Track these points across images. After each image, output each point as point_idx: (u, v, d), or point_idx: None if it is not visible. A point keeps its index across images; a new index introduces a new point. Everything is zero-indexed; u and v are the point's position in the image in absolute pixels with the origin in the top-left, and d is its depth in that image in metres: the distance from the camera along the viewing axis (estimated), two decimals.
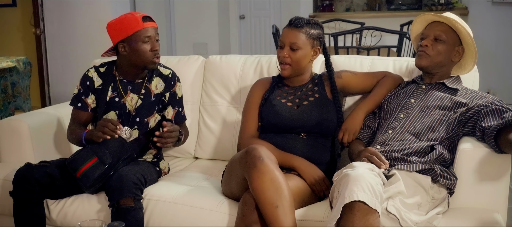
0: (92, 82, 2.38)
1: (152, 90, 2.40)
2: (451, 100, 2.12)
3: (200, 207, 2.11)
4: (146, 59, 2.30)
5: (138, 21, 2.26)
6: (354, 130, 2.27)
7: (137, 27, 2.26)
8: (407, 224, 1.74)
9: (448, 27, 2.18)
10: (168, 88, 2.42)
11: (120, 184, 2.06)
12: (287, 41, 2.26)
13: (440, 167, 1.97)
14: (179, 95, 2.47)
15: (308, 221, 1.98)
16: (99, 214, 2.18)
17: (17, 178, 2.13)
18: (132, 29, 2.26)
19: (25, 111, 4.05)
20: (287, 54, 2.26)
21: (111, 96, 2.36)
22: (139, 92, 2.37)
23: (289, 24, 2.28)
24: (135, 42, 2.26)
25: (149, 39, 2.28)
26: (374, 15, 7.01)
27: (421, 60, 2.20)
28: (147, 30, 2.28)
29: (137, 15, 2.28)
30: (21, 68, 4.09)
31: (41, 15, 5.26)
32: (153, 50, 2.30)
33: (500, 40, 5.21)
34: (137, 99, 2.36)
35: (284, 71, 2.29)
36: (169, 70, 2.45)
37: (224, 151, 2.67)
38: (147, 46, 2.28)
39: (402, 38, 3.95)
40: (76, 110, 2.39)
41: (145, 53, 2.28)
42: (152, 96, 2.39)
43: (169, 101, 2.43)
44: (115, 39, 2.30)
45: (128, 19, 2.27)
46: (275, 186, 1.86)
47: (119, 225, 1.56)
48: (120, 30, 2.27)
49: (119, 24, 2.28)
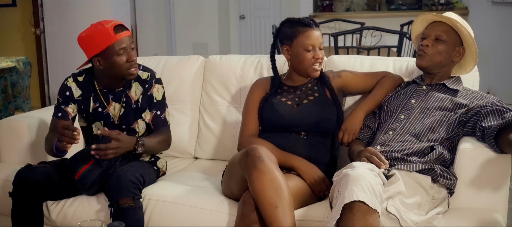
0: (71, 93, 2.32)
1: (132, 97, 2.33)
2: (452, 102, 2.12)
3: (200, 207, 2.11)
4: (123, 71, 2.23)
5: (110, 34, 2.15)
6: (354, 129, 2.27)
7: (110, 41, 2.16)
8: (407, 224, 1.74)
9: (449, 27, 2.17)
10: (145, 91, 2.33)
11: (119, 184, 2.06)
12: (317, 42, 2.25)
13: (440, 167, 1.97)
14: (157, 98, 2.35)
15: (308, 221, 1.98)
16: (99, 214, 2.18)
17: (17, 179, 2.13)
18: (105, 43, 2.16)
19: (25, 111, 4.05)
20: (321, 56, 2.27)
21: (94, 107, 2.32)
22: (120, 100, 2.32)
23: (314, 25, 2.27)
24: (110, 56, 2.18)
25: (124, 51, 2.19)
26: (374, 15, 7.01)
27: (422, 60, 2.20)
28: (121, 42, 2.18)
29: (108, 26, 2.16)
30: (21, 68, 4.09)
31: (41, 15, 5.26)
32: (130, 61, 2.21)
33: (500, 40, 5.21)
34: (120, 108, 2.32)
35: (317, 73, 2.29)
36: (147, 73, 2.36)
37: (224, 151, 2.67)
38: (122, 58, 2.19)
39: (402, 38, 3.95)
40: (56, 120, 2.31)
41: (121, 66, 2.20)
42: (132, 103, 2.33)
43: (146, 104, 2.33)
44: (89, 54, 2.22)
45: (99, 32, 2.16)
46: (275, 186, 1.86)
47: (119, 225, 1.56)
48: (92, 45, 2.18)
49: (91, 39, 2.18)
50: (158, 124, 2.34)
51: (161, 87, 2.38)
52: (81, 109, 2.34)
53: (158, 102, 2.35)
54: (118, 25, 2.20)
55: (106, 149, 2.05)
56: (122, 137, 2.11)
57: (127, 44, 2.20)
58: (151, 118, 2.33)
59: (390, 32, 3.88)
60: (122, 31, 2.20)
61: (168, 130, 2.37)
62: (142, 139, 2.19)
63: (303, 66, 2.28)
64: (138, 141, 2.16)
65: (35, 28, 5.31)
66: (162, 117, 2.35)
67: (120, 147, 2.09)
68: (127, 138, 2.13)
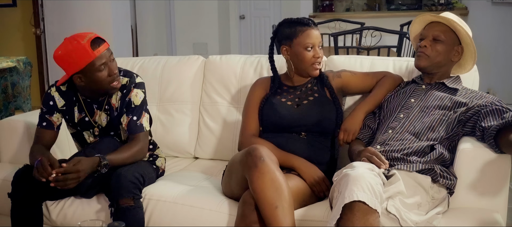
0: (55, 102, 2.29)
1: (113, 104, 2.30)
2: (451, 100, 2.12)
3: (200, 207, 2.11)
4: (105, 85, 2.19)
5: (87, 52, 2.09)
6: (354, 129, 2.27)
7: (89, 59, 2.10)
8: (407, 224, 1.74)
9: (446, 27, 2.17)
10: (123, 96, 2.28)
11: (119, 184, 2.06)
12: (317, 41, 2.27)
13: (440, 167, 1.97)
14: (135, 103, 2.27)
15: (308, 221, 1.98)
16: (99, 214, 2.18)
17: (15, 179, 2.13)
18: (84, 62, 2.10)
19: (25, 111, 4.05)
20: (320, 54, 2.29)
21: (80, 118, 2.31)
22: (103, 108, 2.30)
23: (313, 24, 2.28)
24: (91, 72, 2.13)
25: (104, 66, 2.14)
26: (374, 15, 7.01)
27: (420, 61, 2.20)
28: (100, 58, 2.12)
29: (85, 43, 2.09)
30: (21, 68, 4.09)
31: (41, 15, 5.26)
32: (111, 74, 2.17)
33: (500, 40, 5.21)
34: (105, 116, 2.31)
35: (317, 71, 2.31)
36: (126, 78, 2.30)
37: (224, 151, 2.67)
38: (104, 73, 2.15)
39: (402, 38, 3.95)
40: (40, 130, 2.29)
41: (103, 81, 2.16)
42: (114, 110, 2.30)
43: (124, 108, 2.28)
44: (68, 72, 2.17)
45: (76, 50, 2.09)
46: (275, 186, 1.86)
47: (119, 225, 1.55)
48: (71, 63, 2.12)
49: (68, 57, 2.11)
50: (132, 129, 2.25)
51: (141, 91, 2.30)
52: (66, 118, 2.33)
53: (135, 107, 2.27)
54: (95, 39, 2.13)
55: (65, 179, 1.99)
56: (81, 164, 2.02)
57: (106, 58, 2.15)
58: (126, 122, 2.26)
59: (390, 32, 3.88)
60: (100, 45, 2.14)
61: (142, 137, 2.26)
62: (107, 157, 2.09)
63: (303, 65, 2.28)
64: (101, 161, 2.07)
65: (35, 28, 5.31)
66: (138, 122, 2.26)
67: (80, 174, 2.01)
68: (87, 162, 2.04)
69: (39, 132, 2.30)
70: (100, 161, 2.07)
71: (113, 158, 2.12)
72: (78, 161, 2.03)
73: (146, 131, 2.28)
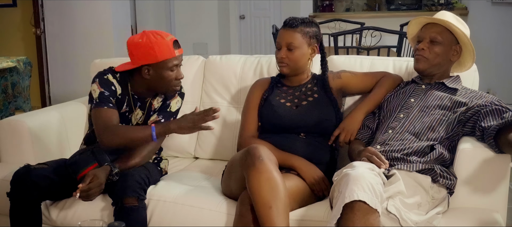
0: (116, 88, 2.24)
1: (153, 105, 2.32)
2: (451, 100, 2.12)
3: (200, 207, 2.11)
4: (169, 87, 2.22)
5: (170, 49, 2.13)
6: (352, 129, 2.27)
7: (169, 55, 2.14)
8: (407, 224, 1.74)
9: (443, 28, 2.17)
10: (165, 100, 2.33)
11: (125, 183, 2.06)
12: (283, 42, 2.26)
13: (440, 167, 1.97)
14: (172, 109, 2.33)
15: (308, 221, 1.98)
16: (99, 214, 2.18)
17: (14, 179, 2.13)
18: (163, 56, 2.13)
19: (25, 111, 4.05)
20: (284, 55, 2.27)
21: (123, 111, 2.29)
22: (144, 108, 2.31)
23: (284, 25, 2.29)
24: (162, 69, 2.16)
25: (176, 68, 2.19)
26: (374, 15, 7.01)
27: (419, 64, 2.20)
28: (176, 59, 2.17)
29: (168, 40, 2.14)
30: (21, 68, 4.09)
31: (41, 15, 5.26)
32: (178, 78, 2.22)
33: (500, 40, 5.21)
34: (141, 115, 2.32)
35: (283, 69, 2.30)
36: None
37: (224, 151, 2.67)
38: (173, 74, 2.18)
39: (402, 38, 3.96)
40: (109, 110, 2.17)
41: (170, 82, 2.19)
42: (152, 111, 2.33)
43: (159, 108, 2.32)
44: (140, 61, 2.16)
45: (159, 43, 2.12)
46: (271, 186, 1.85)
47: (119, 225, 1.55)
48: (149, 54, 2.13)
49: (148, 48, 2.12)
50: None
51: (181, 101, 2.36)
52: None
53: (169, 112, 2.32)
54: (175, 41, 2.18)
55: (88, 196, 2.03)
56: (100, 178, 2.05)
57: (179, 61, 2.20)
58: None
59: (389, 32, 3.88)
60: (178, 49, 2.19)
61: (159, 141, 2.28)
62: (118, 166, 2.13)
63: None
64: (111, 170, 2.10)
65: (35, 28, 5.31)
66: None
67: (102, 186, 2.06)
68: (102, 173, 2.07)
69: (109, 112, 2.16)
70: (111, 170, 2.10)
71: (123, 165, 2.15)
72: (95, 175, 2.05)
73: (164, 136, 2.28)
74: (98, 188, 2.04)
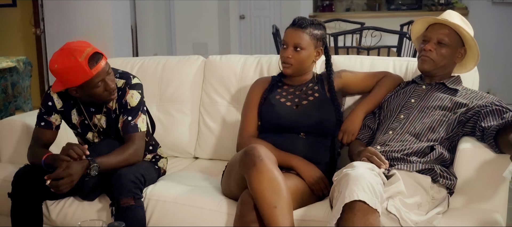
0: (54, 104, 2.26)
1: (110, 107, 2.28)
2: (451, 101, 2.12)
3: (200, 207, 2.11)
4: (102, 99, 2.18)
5: (85, 71, 2.05)
6: (354, 130, 2.27)
7: (86, 77, 2.07)
8: (407, 224, 1.74)
9: (450, 30, 2.16)
10: (120, 99, 2.25)
11: (119, 184, 2.06)
12: (291, 41, 2.25)
13: (440, 167, 1.97)
14: (131, 104, 2.24)
15: (308, 221, 1.98)
16: (99, 214, 2.18)
17: (15, 179, 2.13)
18: (80, 80, 2.07)
19: (25, 111, 4.05)
20: (290, 55, 2.26)
21: (80, 120, 2.30)
22: (102, 111, 2.29)
23: (293, 25, 2.27)
24: (88, 89, 2.12)
25: (101, 82, 2.12)
26: (374, 15, 7.01)
27: (425, 65, 2.19)
28: (97, 76, 2.08)
29: (82, 61, 2.03)
30: (21, 68, 4.09)
31: (41, 15, 5.26)
32: (108, 89, 2.15)
33: (500, 40, 5.21)
34: (104, 118, 2.29)
35: (286, 70, 2.29)
36: (123, 81, 2.26)
37: (224, 151, 2.67)
38: (100, 89, 2.13)
39: (402, 38, 3.95)
40: (39, 130, 2.26)
41: (100, 95, 2.15)
42: (112, 113, 2.29)
43: (120, 110, 2.26)
44: (65, 86, 2.14)
45: (73, 68, 2.04)
46: (273, 186, 1.86)
47: (119, 225, 1.56)
48: (68, 80, 2.09)
49: (66, 74, 2.07)
50: (126, 130, 2.21)
51: (137, 93, 2.26)
52: (65, 120, 2.33)
53: (131, 109, 2.24)
54: (92, 55, 2.07)
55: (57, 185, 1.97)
56: (71, 168, 1.99)
57: (104, 74, 2.11)
58: (121, 123, 2.23)
59: (390, 32, 3.88)
60: (98, 62, 2.09)
61: (137, 138, 2.21)
62: (98, 160, 2.06)
63: None
64: (90, 164, 2.03)
65: (35, 28, 5.31)
66: (132, 122, 2.22)
67: (72, 177, 1.98)
68: (77, 165, 2.01)
69: (38, 132, 2.27)
70: (89, 164, 2.03)
71: (104, 161, 2.08)
72: (68, 165, 2.00)
73: (141, 131, 2.24)
74: (68, 179, 1.97)
